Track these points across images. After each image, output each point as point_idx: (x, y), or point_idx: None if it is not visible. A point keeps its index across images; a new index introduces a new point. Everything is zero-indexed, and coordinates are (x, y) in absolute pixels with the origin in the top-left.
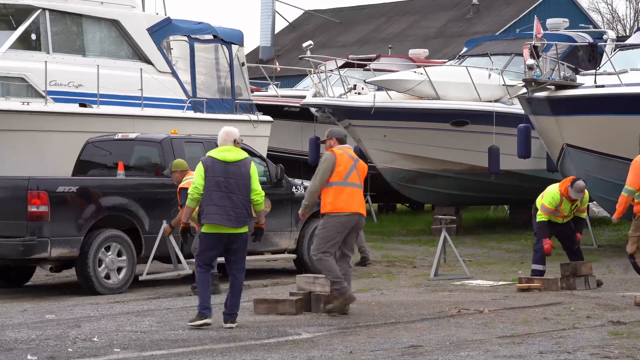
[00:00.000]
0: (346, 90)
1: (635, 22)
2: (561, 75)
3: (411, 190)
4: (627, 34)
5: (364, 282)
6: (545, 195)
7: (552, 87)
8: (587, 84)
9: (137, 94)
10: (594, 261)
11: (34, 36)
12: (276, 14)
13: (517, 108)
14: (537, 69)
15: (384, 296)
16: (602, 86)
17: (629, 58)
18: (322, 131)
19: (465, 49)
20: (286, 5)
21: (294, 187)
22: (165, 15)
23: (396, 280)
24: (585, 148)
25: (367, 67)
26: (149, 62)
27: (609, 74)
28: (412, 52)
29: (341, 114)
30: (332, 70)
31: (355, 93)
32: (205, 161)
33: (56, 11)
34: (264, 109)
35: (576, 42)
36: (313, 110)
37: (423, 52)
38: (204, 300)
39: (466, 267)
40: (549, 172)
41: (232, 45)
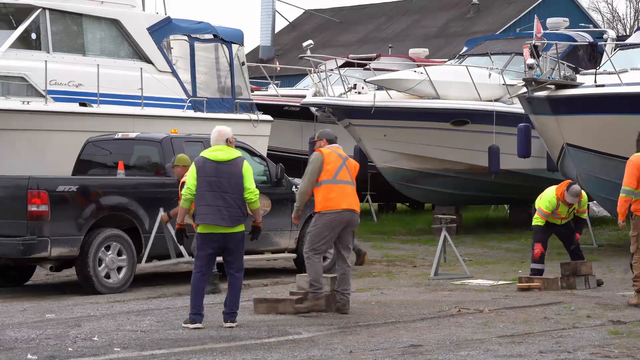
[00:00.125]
0: (346, 90)
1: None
2: (561, 74)
3: (411, 189)
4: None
5: (364, 281)
6: (542, 198)
7: (552, 86)
8: (587, 83)
9: (137, 93)
10: (594, 261)
11: (34, 35)
12: (276, 13)
13: (517, 107)
14: (537, 69)
15: (384, 295)
16: (602, 86)
17: (629, 57)
18: None
19: (465, 48)
20: (286, 4)
21: (294, 186)
22: (165, 14)
23: (396, 280)
24: (585, 147)
25: (367, 66)
26: (149, 62)
27: (609, 73)
28: (412, 52)
29: (341, 113)
30: (332, 70)
31: (356, 92)
32: (198, 161)
33: (56, 10)
34: (264, 108)
35: (576, 41)
36: (313, 109)
37: (423, 52)
38: (194, 306)
39: (466, 267)
40: (549, 172)
41: (232, 45)
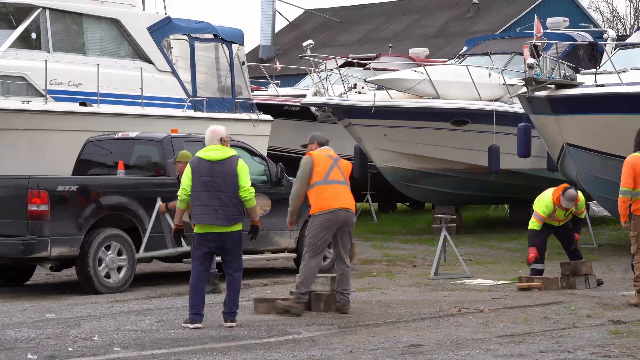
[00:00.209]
0: (346, 90)
1: (636, 21)
2: (561, 74)
3: (411, 189)
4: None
5: (364, 281)
6: (539, 202)
7: (553, 86)
8: (588, 83)
9: (137, 93)
10: (594, 260)
11: (34, 35)
12: (276, 13)
13: (518, 107)
14: (538, 68)
15: (384, 295)
16: (602, 85)
17: (630, 57)
18: (323, 130)
19: (465, 48)
20: (286, 4)
21: None
22: (166, 14)
23: (396, 280)
24: (585, 147)
25: (367, 66)
26: (149, 61)
27: (609, 73)
28: (412, 51)
29: (341, 113)
30: (332, 70)
31: (356, 92)
32: (193, 162)
33: (56, 10)
34: (264, 108)
35: (576, 41)
36: (313, 109)
37: (423, 51)
38: (193, 306)
39: (466, 266)
40: (549, 172)
41: (233, 44)
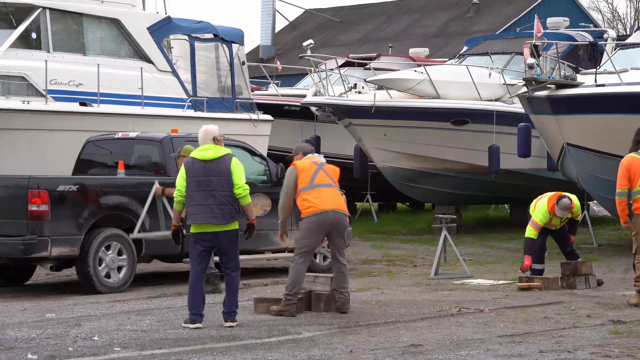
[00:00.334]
0: (346, 89)
1: (636, 21)
2: (561, 74)
3: (411, 189)
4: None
5: (364, 280)
6: (536, 210)
7: (553, 86)
8: (588, 83)
9: (137, 92)
10: (594, 260)
11: (34, 35)
12: (276, 12)
13: (518, 107)
14: (538, 68)
15: (385, 295)
16: (602, 85)
17: (630, 57)
18: (323, 130)
19: (465, 48)
20: (287, 4)
21: None
22: (166, 14)
23: (396, 279)
24: (585, 147)
25: (368, 66)
26: (150, 61)
27: (609, 73)
28: (412, 51)
29: (341, 113)
30: (332, 69)
31: (356, 92)
32: (187, 162)
33: (56, 10)
34: (264, 108)
35: (576, 41)
36: (313, 109)
37: (423, 51)
38: (193, 306)
39: (466, 266)
40: (550, 172)
41: (233, 44)
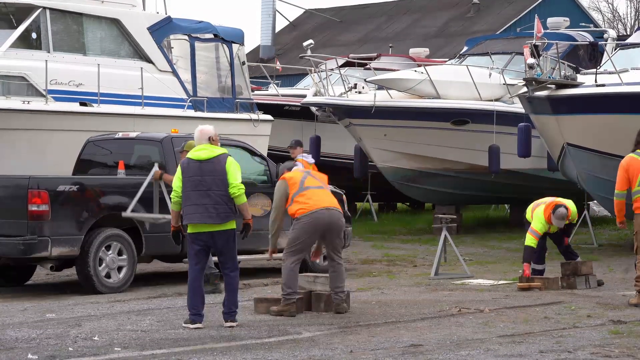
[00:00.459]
0: (347, 90)
1: (636, 21)
2: (562, 74)
3: (412, 189)
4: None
5: (364, 281)
6: (535, 219)
7: (553, 86)
8: (588, 83)
9: (137, 92)
10: (594, 260)
11: (34, 35)
12: (277, 12)
13: (518, 107)
14: (538, 68)
15: (385, 295)
16: (602, 85)
17: (630, 57)
18: (323, 130)
19: (465, 48)
20: (287, 4)
21: None
22: (166, 14)
23: (397, 280)
24: (585, 147)
25: (368, 66)
26: (150, 61)
27: (609, 73)
28: (412, 51)
29: (342, 113)
30: (332, 69)
31: (356, 92)
32: (182, 163)
33: (57, 10)
34: (264, 108)
35: (577, 41)
36: (314, 109)
37: (423, 51)
38: (193, 306)
39: (467, 266)
40: (550, 172)
41: (233, 44)
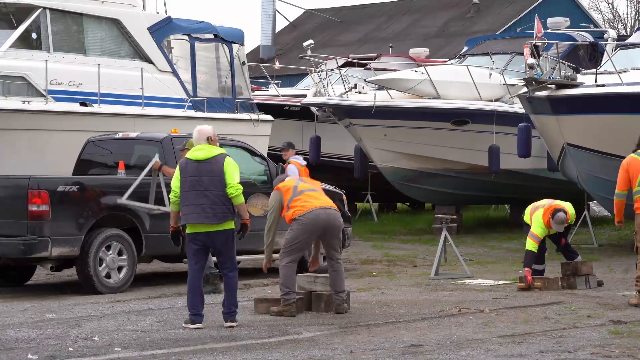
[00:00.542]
0: (347, 90)
1: (636, 21)
2: (562, 74)
3: (412, 189)
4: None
5: (364, 281)
6: (535, 222)
7: (553, 86)
8: (588, 83)
9: (137, 93)
10: (594, 260)
11: (34, 35)
12: (277, 13)
13: (518, 107)
14: (538, 68)
15: (385, 295)
16: (602, 85)
17: (630, 57)
18: (323, 130)
19: (465, 48)
20: (287, 4)
21: None
22: (166, 14)
23: (397, 280)
24: (585, 147)
25: (368, 66)
26: (150, 61)
27: (609, 73)
28: (412, 51)
29: (342, 113)
30: (332, 70)
31: (356, 92)
32: (181, 163)
33: (57, 10)
34: (264, 108)
35: (577, 41)
36: (314, 109)
37: (424, 51)
38: (192, 306)
39: (467, 267)
40: (550, 172)
41: (233, 45)
